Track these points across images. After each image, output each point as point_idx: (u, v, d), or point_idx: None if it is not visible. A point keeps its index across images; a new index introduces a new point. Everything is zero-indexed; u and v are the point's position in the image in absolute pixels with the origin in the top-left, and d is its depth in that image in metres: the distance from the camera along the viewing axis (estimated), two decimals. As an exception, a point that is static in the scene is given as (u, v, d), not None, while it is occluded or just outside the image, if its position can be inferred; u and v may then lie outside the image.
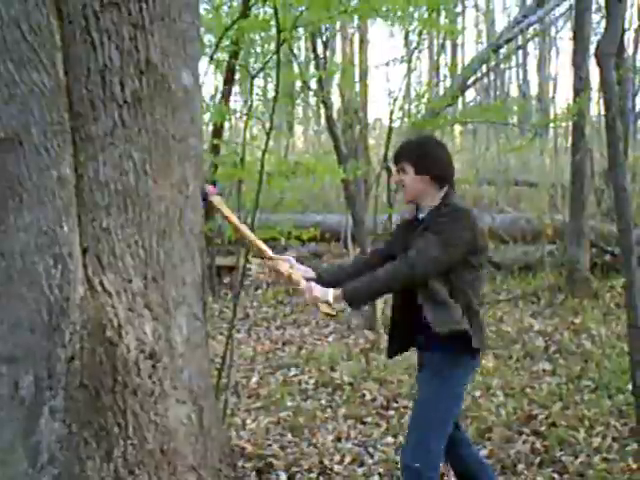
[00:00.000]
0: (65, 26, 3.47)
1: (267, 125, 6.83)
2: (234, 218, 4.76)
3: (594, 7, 15.55)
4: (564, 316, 10.88)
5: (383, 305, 11.00)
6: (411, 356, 8.94)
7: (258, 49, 10.76)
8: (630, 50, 22.94)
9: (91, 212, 3.52)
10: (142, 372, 3.61)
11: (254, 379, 8.56)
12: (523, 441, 6.38)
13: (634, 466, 5.71)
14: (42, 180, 3.37)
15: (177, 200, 3.80)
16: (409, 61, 13.82)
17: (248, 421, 7.17)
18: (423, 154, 4.58)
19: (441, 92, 20.03)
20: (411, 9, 10.17)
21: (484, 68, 20.10)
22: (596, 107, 21.01)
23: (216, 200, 4.52)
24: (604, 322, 10.43)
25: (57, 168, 3.40)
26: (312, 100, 22.34)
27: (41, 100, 3.37)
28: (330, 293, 4.45)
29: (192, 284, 3.97)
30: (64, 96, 3.46)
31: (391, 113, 12.30)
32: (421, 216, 4.64)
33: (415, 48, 13.49)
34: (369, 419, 7.13)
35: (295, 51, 14.26)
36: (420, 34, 12.24)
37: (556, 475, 5.74)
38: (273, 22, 6.56)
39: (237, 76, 11.90)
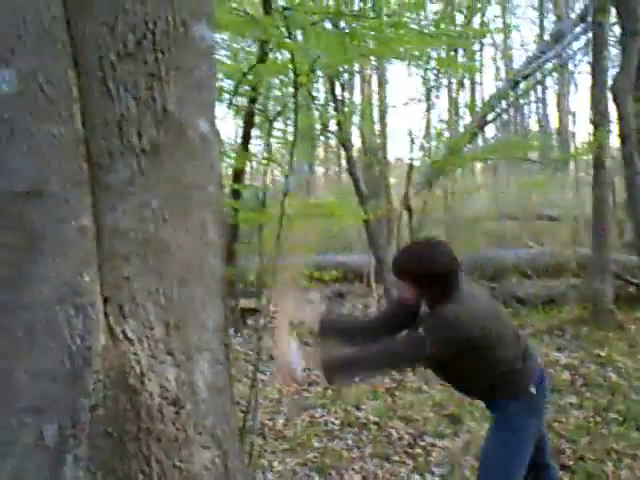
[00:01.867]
0: (82, 77, 3.51)
1: (287, 168, 6.87)
2: None
3: (612, 41, 15.57)
4: (589, 349, 10.86)
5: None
6: (436, 394, 8.98)
7: (277, 92, 10.85)
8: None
9: (111, 261, 3.54)
10: (166, 419, 3.61)
11: (280, 421, 8.57)
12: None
13: (662, 498, 5.70)
14: (62, 231, 3.39)
15: (197, 247, 3.82)
16: (428, 100, 13.87)
17: (275, 463, 7.18)
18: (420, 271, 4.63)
19: (461, 129, 20.10)
20: (429, 49, 10.24)
21: (503, 104, 20.16)
22: (617, 139, 21.01)
23: None
24: (630, 354, 10.40)
25: (77, 219, 3.42)
26: (332, 141, 22.44)
27: (60, 151, 3.39)
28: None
29: (214, 329, 3.97)
30: (82, 147, 3.49)
31: (411, 152, 12.35)
32: (422, 310, 4.77)
33: (433, 87, 13.54)
34: (396, 458, 7.13)
35: (314, 92, 14.35)
36: (438, 73, 12.32)
37: (585, 509, 5.73)
38: (290, 66, 6.63)
39: (257, 119, 11.99)
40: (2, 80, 3.32)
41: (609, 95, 11.73)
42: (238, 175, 11.22)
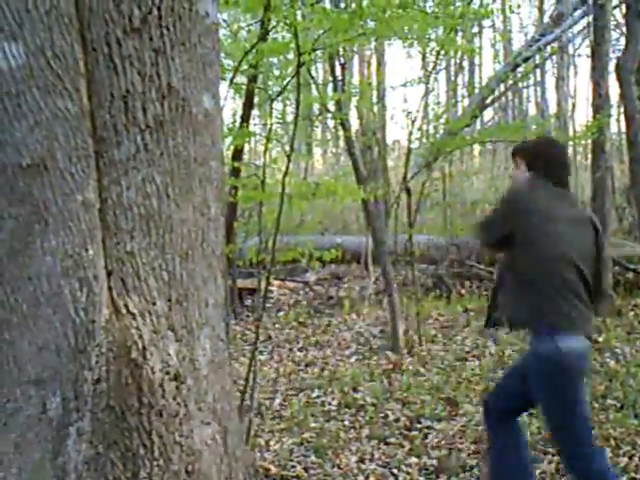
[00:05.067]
0: (88, 53, 3.52)
1: (286, 147, 6.87)
2: None
3: (612, 24, 15.54)
4: (587, 335, 10.81)
5: (405, 326, 11.01)
6: (433, 377, 8.98)
7: (277, 72, 10.83)
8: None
9: (115, 235, 3.56)
10: (167, 393, 3.63)
11: (277, 400, 8.57)
12: (548, 461, 6.35)
13: (662, 486, 5.69)
14: (67, 204, 3.41)
15: (199, 222, 3.84)
16: (427, 82, 13.84)
17: (272, 442, 7.18)
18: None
19: (459, 112, 20.04)
20: (429, 30, 10.21)
21: (502, 87, 20.12)
22: (616, 124, 20.97)
23: None
24: (628, 340, 10.37)
25: (82, 192, 3.44)
26: (330, 122, 22.40)
27: (65, 126, 3.41)
28: None
29: (215, 305, 4.00)
30: (88, 121, 3.50)
31: (409, 134, 12.32)
32: None
33: (433, 69, 13.52)
34: (392, 440, 7.12)
35: (313, 73, 14.33)
36: (437, 54, 12.29)
37: (582, 495, 5.71)
38: (292, 45, 6.64)
39: (256, 99, 11.97)
40: (10, 54, 3.34)
41: (610, 79, 11.76)
42: (238, 153, 11.21)
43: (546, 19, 22.88)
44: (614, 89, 10.28)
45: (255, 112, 14.71)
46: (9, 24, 3.34)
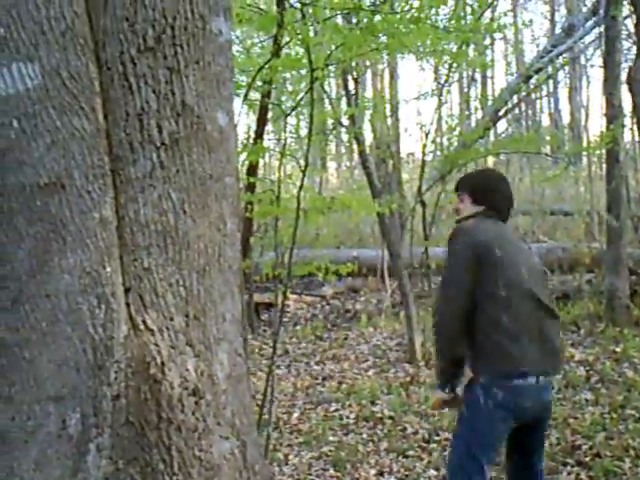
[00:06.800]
0: (103, 72, 3.57)
1: (301, 162, 6.91)
2: None
3: (624, 34, 15.53)
4: (605, 345, 10.82)
5: (422, 338, 11.01)
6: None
7: (290, 88, 10.90)
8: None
9: (132, 252, 3.59)
10: (186, 408, 3.65)
11: (295, 414, 8.60)
12: (568, 472, 6.36)
13: (681, 496, 5.68)
14: (84, 222, 3.44)
15: (215, 238, 3.86)
16: (439, 94, 13.89)
17: (290, 456, 7.21)
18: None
19: (473, 124, 20.07)
20: (440, 44, 10.25)
21: (515, 99, 20.13)
22: (630, 134, 20.94)
23: None
24: (646, 350, 10.36)
25: (99, 210, 3.47)
26: (344, 136, 22.44)
27: (82, 144, 3.44)
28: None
29: (232, 320, 4.01)
30: (104, 140, 3.54)
31: (424, 147, 12.36)
32: None
33: (445, 81, 13.55)
34: (411, 452, 7.14)
35: (326, 88, 14.38)
36: (450, 67, 12.33)
37: (602, 506, 5.72)
38: (305, 60, 6.68)
39: (270, 115, 12.02)
40: (27, 75, 3.38)
41: (622, 89, 11.75)
42: (252, 168, 11.26)
43: (558, 30, 22.93)
44: (628, 98, 10.29)
45: (269, 127, 14.77)
46: (25, 46, 3.37)
